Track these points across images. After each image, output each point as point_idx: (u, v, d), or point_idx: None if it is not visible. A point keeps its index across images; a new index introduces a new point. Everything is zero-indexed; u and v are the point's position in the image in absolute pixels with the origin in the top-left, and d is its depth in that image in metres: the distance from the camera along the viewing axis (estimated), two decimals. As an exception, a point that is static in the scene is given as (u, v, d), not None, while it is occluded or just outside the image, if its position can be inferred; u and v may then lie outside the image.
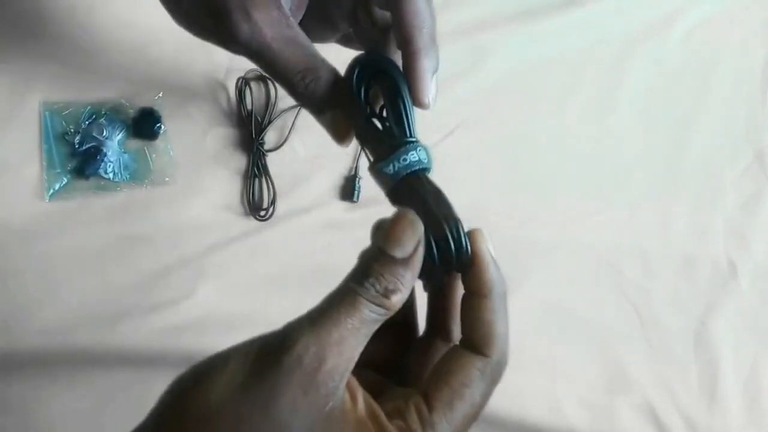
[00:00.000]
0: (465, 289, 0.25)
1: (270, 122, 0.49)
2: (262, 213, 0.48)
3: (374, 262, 0.23)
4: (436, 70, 0.28)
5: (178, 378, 0.23)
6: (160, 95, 0.47)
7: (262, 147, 0.49)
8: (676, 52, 0.59)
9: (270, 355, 0.21)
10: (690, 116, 0.59)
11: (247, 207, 0.49)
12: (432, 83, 0.27)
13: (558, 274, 0.54)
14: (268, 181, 0.49)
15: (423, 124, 0.53)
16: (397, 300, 0.23)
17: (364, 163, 0.50)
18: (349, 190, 0.50)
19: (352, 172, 0.51)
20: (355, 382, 0.23)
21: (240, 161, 0.49)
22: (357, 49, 0.32)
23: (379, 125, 0.27)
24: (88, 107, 0.46)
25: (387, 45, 0.29)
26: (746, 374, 0.56)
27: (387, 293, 0.22)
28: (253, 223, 0.48)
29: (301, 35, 0.28)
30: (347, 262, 0.53)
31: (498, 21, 0.55)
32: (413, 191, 0.25)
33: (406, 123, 0.26)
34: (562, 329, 0.53)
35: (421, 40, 0.27)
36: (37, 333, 0.44)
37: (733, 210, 0.58)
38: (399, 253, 0.23)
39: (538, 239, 0.54)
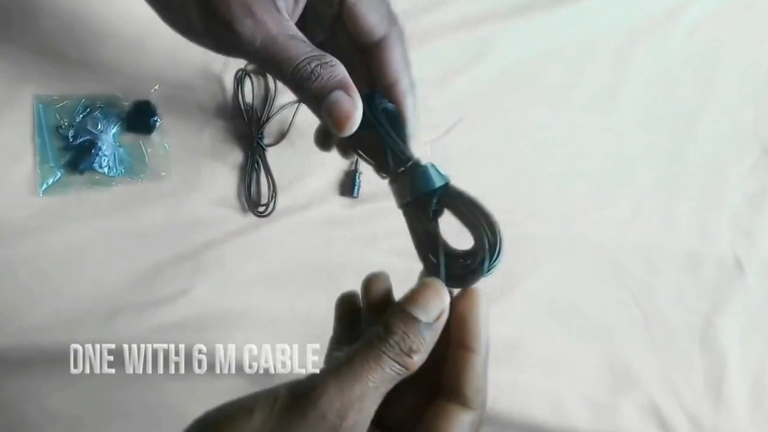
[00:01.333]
0: (460, 345, 0.27)
1: (269, 117, 0.49)
2: (261, 209, 0.48)
3: (399, 322, 0.25)
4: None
5: (201, 419, 0.24)
6: (156, 88, 0.47)
7: (262, 141, 0.48)
8: (681, 45, 0.58)
9: (295, 408, 0.23)
10: (695, 110, 0.58)
11: (245, 202, 0.48)
12: (416, 118, 0.31)
13: (560, 271, 0.54)
14: (268, 177, 0.48)
15: (423, 119, 0.51)
16: (418, 360, 0.25)
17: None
18: (348, 185, 0.50)
19: (352, 167, 0.50)
20: None
21: (238, 156, 0.49)
22: None
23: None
24: (83, 100, 0.46)
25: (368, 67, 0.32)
26: (753, 373, 0.55)
27: (410, 352, 0.25)
28: (250, 218, 0.48)
29: (301, 35, 0.28)
30: (347, 258, 0.53)
31: (498, 14, 0.54)
32: (458, 195, 0.28)
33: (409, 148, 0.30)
34: (565, 327, 0.53)
35: (407, 81, 0.31)
36: (31, 330, 0.44)
37: (740, 206, 0.58)
38: (424, 317, 0.25)
39: (540, 235, 0.54)
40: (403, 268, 0.30)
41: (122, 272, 0.46)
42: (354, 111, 0.27)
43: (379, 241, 0.50)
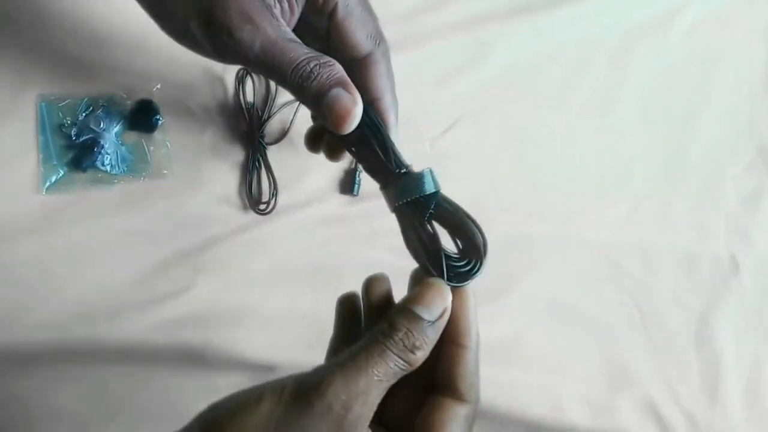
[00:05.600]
0: (452, 341, 0.29)
1: (270, 116, 0.49)
2: (262, 206, 0.49)
3: (404, 320, 0.27)
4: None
5: (212, 408, 0.26)
6: (158, 87, 0.48)
7: (263, 140, 0.49)
8: (679, 46, 0.60)
9: (303, 398, 0.25)
10: (692, 111, 0.59)
11: (246, 200, 0.49)
12: (398, 135, 0.33)
13: (558, 270, 0.55)
14: (269, 175, 0.49)
15: (423, 118, 0.53)
16: (421, 356, 0.27)
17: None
18: (348, 183, 0.51)
19: (352, 166, 0.51)
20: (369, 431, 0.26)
21: (239, 154, 0.50)
22: None
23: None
24: (85, 99, 0.47)
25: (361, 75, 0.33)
26: (748, 371, 0.57)
27: (413, 349, 0.26)
28: (252, 216, 0.49)
29: (298, 40, 0.30)
30: (346, 256, 0.52)
31: (498, 15, 0.55)
32: (448, 203, 0.30)
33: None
34: (563, 325, 0.54)
35: (390, 97, 0.33)
36: (34, 329, 0.45)
37: (735, 205, 0.59)
38: (427, 316, 0.27)
39: (539, 235, 0.55)
40: (402, 266, 0.31)
41: (124, 270, 0.47)
42: (354, 106, 0.28)
43: (378, 239, 0.50)
